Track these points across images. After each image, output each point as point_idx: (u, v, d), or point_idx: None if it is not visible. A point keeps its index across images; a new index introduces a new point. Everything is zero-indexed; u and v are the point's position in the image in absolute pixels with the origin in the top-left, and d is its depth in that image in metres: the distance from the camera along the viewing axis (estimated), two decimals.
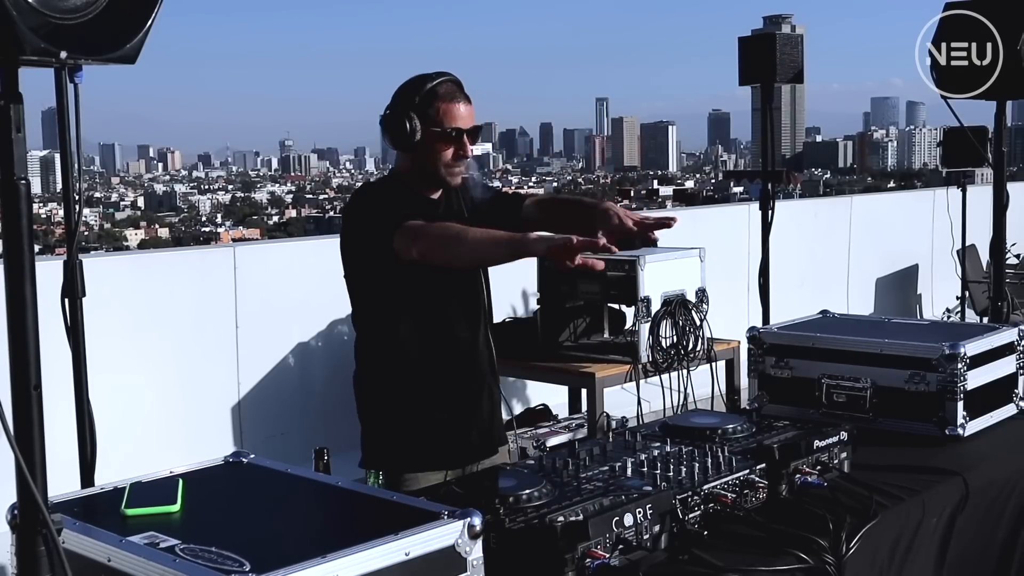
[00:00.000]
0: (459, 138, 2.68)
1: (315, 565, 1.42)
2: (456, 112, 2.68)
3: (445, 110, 2.66)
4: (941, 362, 2.86)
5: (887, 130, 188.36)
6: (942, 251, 8.05)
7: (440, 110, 2.66)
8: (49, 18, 1.35)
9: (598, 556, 1.83)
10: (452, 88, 2.69)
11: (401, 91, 2.70)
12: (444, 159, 2.69)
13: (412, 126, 2.65)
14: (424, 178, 2.74)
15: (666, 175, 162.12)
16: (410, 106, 2.66)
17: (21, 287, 1.41)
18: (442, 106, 2.66)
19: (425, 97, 2.66)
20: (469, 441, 2.81)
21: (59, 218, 64.93)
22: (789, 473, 2.31)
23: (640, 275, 4.14)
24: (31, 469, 1.40)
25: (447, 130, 2.66)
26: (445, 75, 2.71)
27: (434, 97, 2.66)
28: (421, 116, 2.65)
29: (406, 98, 2.68)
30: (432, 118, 2.66)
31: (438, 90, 2.67)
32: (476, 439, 2.83)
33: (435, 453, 2.74)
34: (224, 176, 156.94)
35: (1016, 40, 4.02)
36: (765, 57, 4.75)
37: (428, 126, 2.66)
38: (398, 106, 2.68)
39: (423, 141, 2.66)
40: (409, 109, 2.66)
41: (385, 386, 2.79)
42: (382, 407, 2.80)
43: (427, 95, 2.66)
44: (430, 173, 2.72)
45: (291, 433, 4.89)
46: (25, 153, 1.41)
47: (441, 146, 2.68)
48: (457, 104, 2.68)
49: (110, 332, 4.04)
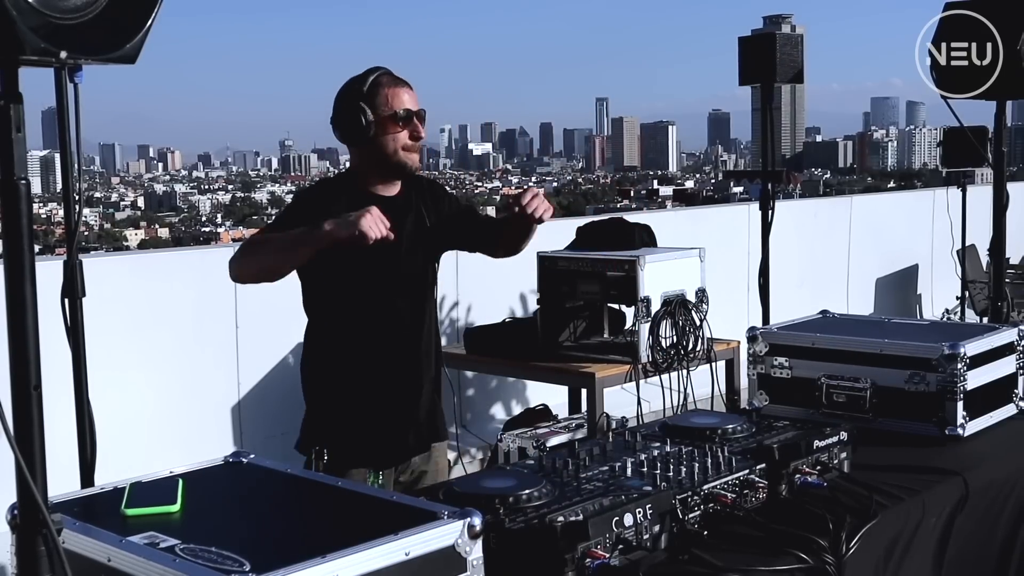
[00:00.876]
0: (410, 119, 2.78)
1: (315, 565, 1.42)
2: (402, 96, 2.78)
3: (392, 95, 2.77)
4: (941, 362, 2.86)
5: (887, 130, 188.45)
6: (942, 251, 8.05)
7: (388, 95, 2.77)
8: (49, 18, 1.35)
9: (598, 556, 1.83)
10: (392, 77, 2.81)
11: (344, 90, 2.81)
12: (401, 142, 2.78)
13: (366, 117, 2.74)
14: (383, 169, 2.81)
15: (666, 175, 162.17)
16: (359, 98, 2.76)
17: (21, 287, 1.41)
18: (388, 92, 2.77)
19: (371, 88, 2.76)
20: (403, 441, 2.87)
21: (59, 218, 64.93)
22: (789, 473, 2.31)
23: (640, 275, 4.14)
24: (31, 469, 1.40)
25: (399, 113, 2.76)
26: (380, 68, 2.82)
27: (379, 86, 2.77)
28: (371, 106, 2.75)
29: (352, 93, 2.78)
30: (382, 106, 2.76)
31: (381, 80, 2.78)
32: (411, 439, 2.89)
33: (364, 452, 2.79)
34: (224, 176, 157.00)
35: (1016, 40, 4.02)
36: (765, 57, 4.75)
37: (379, 113, 2.75)
38: (346, 102, 2.78)
39: (378, 129, 2.75)
40: (358, 101, 2.75)
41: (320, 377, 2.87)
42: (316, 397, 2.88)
43: (372, 86, 2.77)
44: (388, 161, 2.79)
45: (291, 433, 4.87)
46: (25, 153, 1.41)
47: (395, 129, 2.77)
48: (401, 89, 2.79)
49: (110, 332, 4.04)
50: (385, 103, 2.76)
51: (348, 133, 2.78)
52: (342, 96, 2.80)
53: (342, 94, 2.81)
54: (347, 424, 2.81)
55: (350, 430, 2.80)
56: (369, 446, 2.79)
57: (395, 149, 2.78)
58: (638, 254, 4.21)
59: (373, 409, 2.82)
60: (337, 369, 2.84)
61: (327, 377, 2.86)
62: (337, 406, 2.83)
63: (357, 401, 2.82)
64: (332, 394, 2.84)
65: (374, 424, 2.82)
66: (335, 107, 2.82)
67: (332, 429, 2.80)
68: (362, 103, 2.75)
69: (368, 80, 2.77)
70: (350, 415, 2.82)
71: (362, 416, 2.81)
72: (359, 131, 2.75)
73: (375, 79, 2.78)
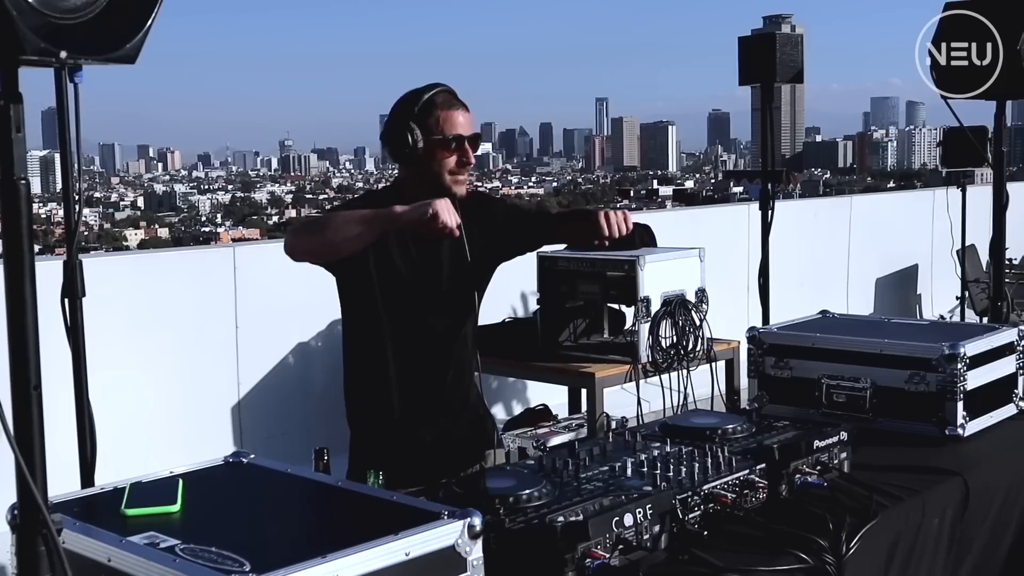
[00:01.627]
0: (461, 145, 2.68)
1: (315, 565, 1.42)
2: (456, 119, 2.67)
3: (445, 118, 2.66)
4: (941, 362, 2.86)
5: (887, 130, 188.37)
6: (942, 251, 8.05)
7: (440, 118, 2.66)
8: (49, 18, 1.35)
9: (598, 556, 1.84)
10: (449, 97, 2.70)
11: (398, 105, 2.70)
12: (447, 167, 2.68)
13: (413, 137, 2.64)
14: (428, 190, 2.69)
15: (666, 175, 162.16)
16: (409, 117, 2.66)
17: (21, 287, 1.41)
18: (441, 114, 2.66)
19: (424, 107, 2.66)
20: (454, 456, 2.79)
21: (59, 218, 64.95)
22: (789, 473, 2.31)
23: (640, 275, 4.14)
24: (31, 469, 1.40)
25: (448, 137, 2.66)
26: (440, 86, 2.71)
27: (432, 106, 2.66)
28: (421, 126, 2.65)
29: (404, 110, 2.68)
30: (432, 127, 2.65)
31: (435, 99, 2.67)
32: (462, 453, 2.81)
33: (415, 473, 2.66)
34: (224, 176, 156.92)
35: (1016, 40, 4.02)
36: (765, 57, 4.75)
37: (429, 135, 2.65)
38: (397, 119, 2.68)
39: (425, 151, 2.65)
40: (409, 120, 2.65)
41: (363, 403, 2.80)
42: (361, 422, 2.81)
43: (425, 105, 2.66)
44: (433, 183, 2.68)
45: (291, 433, 4.90)
46: (25, 153, 1.41)
47: (444, 154, 2.67)
48: (456, 112, 2.68)
49: (110, 332, 4.04)
50: (436, 125, 2.65)
51: (395, 151, 2.69)
52: (395, 111, 2.70)
53: (395, 109, 2.70)
54: (394, 448, 2.74)
55: (398, 454, 2.71)
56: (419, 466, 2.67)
57: (441, 173, 2.68)
58: (638, 254, 4.21)
59: (417, 431, 2.76)
60: (378, 395, 2.76)
61: (369, 403, 2.78)
62: (382, 431, 2.77)
63: (401, 424, 2.75)
64: (376, 419, 2.78)
65: (420, 445, 2.75)
66: (387, 121, 2.72)
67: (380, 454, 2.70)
68: (412, 122, 2.65)
69: (422, 99, 2.66)
70: (396, 439, 2.75)
71: (407, 439, 2.75)
72: (405, 151, 2.66)
73: (430, 98, 2.67)
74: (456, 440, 2.82)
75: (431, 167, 2.68)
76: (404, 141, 2.65)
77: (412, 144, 2.64)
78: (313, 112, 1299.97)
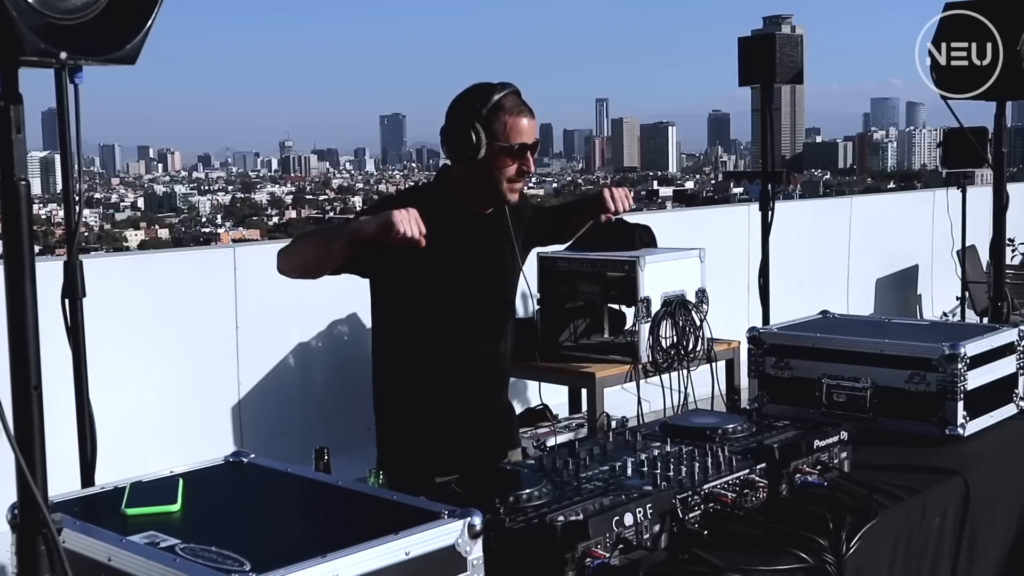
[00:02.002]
0: (523, 153, 2.60)
1: (315, 565, 1.42)
2: (522, 126, 2.58)
3: (512, 124, 2.57)
4: (941, 362, 2.86)
5: (887, 131, 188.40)
6: (942, 252, 8.05)
7: (507, 124, 2.56)
8: (49, 18, 1.35)
9: (598, 556, 1.84)
10: (518, 101, 2.59)
11: (463, 102, 2.59)
12: (507, 175, 2.60)
13: (478, 139, 2.54)
14: (482, 193, 2.65)
15: (666, 176, 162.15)
16: (475, 118, 2.55)
17: (21, 287, 1.41)
18: (509, 120, 2.56)
19: (492, 110, 2.55)
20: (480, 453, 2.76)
21: (59, 219, 64.96)
22: (789, 473, 2.31)
23: (640, 275, 4.14)
24: (31, 469, 1.40)
25: (513, 145, 2.56)
26: (509, 86, 2.61)
27: (500, 110, 2.56)
28: (486, 129, 2.55)
29: (470, 110, 2.56)
30: (498, 132, 2.56)
31: (504, 103, 2.57)
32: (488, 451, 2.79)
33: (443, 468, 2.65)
34: (224, 177, 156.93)
35: (1016, 40, 4.02)
36: (765, 57, 4.74)
37: (494, 140, 2.55)
38: (462, 117, 2.57)
39: (487, 155, 2.56)
40: (474, 121, 2.55)
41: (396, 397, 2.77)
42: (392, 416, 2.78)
43: (494, 108, 2.55)
44: (490, 189, 2.62)
45: (291, 433, 4.89)
46: (25, 154, 1.41)
47: (506, 161, 2.58)
48: (523, 118, 2.58)
49: (110, 333, 4.04)
50: (502, 131, 2.55)
51: (455, 151, 2.59)
52: (459, 110, 2.59)
53: (460, 106, 2.59)
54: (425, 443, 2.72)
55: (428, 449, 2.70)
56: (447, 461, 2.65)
57: (499, 180, 2.60)
58: (638, 254, 4.22)
59: (450, 427, 2.73)
60: (414, 389, 2.72)
61: (403, 397, 2.75)
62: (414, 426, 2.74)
63: (434, 420, 2.72)
64: (409, 414, 2.74)
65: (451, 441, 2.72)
66: (448, 117, 2.61)
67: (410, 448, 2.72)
68: (478, 124, 2.54)
69: (491, 100, 2.55)
70: (427, 434, 2.72)
71: (439, 434, 2.72)
72: (466, 152, 2.56)
73: (498, 101, 2.55)
74: (486, 443, 2.80)
75: (490, 173, 2.59)
76: (467, 143, 2.54)
77: (475, 147, 2.54)
78: (313, 112, 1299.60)
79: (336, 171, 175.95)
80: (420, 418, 2.74)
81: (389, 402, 2.79)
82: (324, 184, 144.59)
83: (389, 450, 2.77)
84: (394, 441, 2.77)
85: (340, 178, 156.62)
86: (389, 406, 2.79)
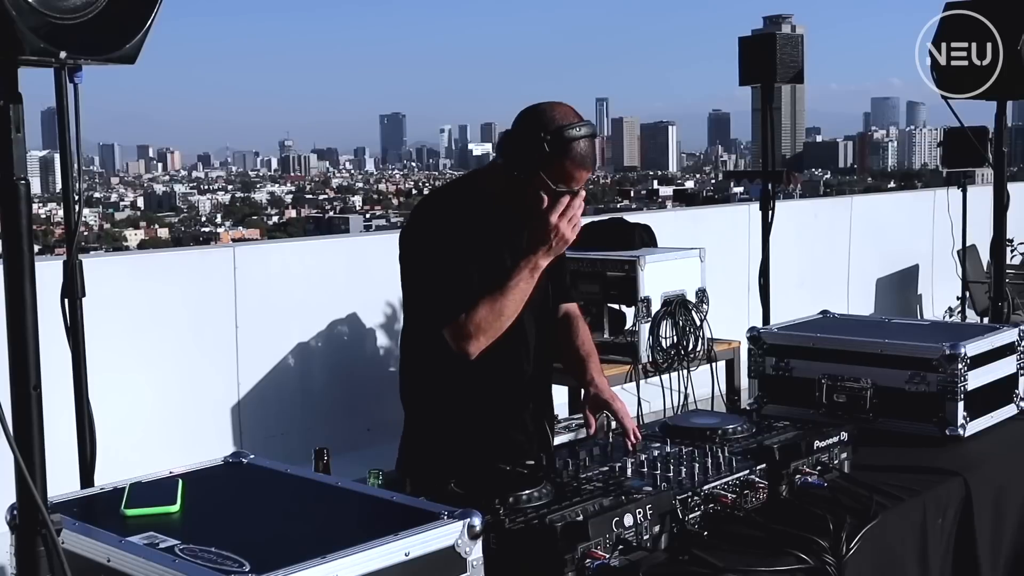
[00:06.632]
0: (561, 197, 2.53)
1: (315, 565, 1.42)
2: (580, 177, 2.51)
3: (571, 172, 2.48)
4: (941, 362, 2.86)
5: (887, 130, 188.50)
6: (942, 251, 8.05)
7: (567, 169, 2.47)
8: (49, 18, 1.35)
9: (598, 556, 1.83)
10: (589, 150, 2.51)
11: (537, 120, 2.50)
12: (536, 208, 2.52)
13: (530, 163, 2.48)
14: (516, 206, 2.59)
15: (666, 175, 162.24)
16: (538, 142, 2.46)
17: (21, 287, 1.41)
18: (570, 166, 2.47)
19: (559, 147, 2.46)
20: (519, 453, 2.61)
21: (59, 218, 64.97)
22: (789, 473, 2.31)
23: (640, 275, 4.14)
24: (31, 469, 1.40)
25: (558, 189, 2.50)
26: (587, 126, 2.52)
27: (566, 153, 2.46)
28: (545, 159, 2.46)
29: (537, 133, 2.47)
30: (554, 169, 2.47)
31: (574, 149, 2.46)
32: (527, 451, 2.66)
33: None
34: (224, 176, 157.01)
35: (1016, 40, 4.02)
36: (765, 57, 4.75)
37: (547, 173, 2.48)
38: (529, 135, 2.49)
39: (529, 180, 2.50)
40: (536, 145, 2.46)
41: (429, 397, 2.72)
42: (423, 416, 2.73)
43: (562, 147, 2.46)
44: (526, 208, 2.56)
45: (291, 433, 4.89)
46: (25, 153, 1.41)
47: (541, 197, 2.51)
48: (583, 171, 2.51)
49: (110, 332, 4.04)
50: (559, 171, 2.46)
51: (508, 160, 2.52)
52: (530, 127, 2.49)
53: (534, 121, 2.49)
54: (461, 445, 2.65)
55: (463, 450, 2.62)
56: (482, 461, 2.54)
57: (534, 209, 2.52)
58: (638, 254, 4.22)
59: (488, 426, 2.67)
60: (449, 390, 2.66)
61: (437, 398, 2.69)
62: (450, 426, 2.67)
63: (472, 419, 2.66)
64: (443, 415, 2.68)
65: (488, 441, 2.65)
66: (518, 124, 2.53)
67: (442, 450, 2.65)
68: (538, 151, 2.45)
69: (564, 135, 2.44)
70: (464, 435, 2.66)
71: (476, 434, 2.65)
72: (516, 164, 2.50)
73: (570, 143, 2.45)
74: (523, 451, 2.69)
75: (522, 195, 2.53)
76: (520, 158, 2.49)
77: (525, 166, 2.49)
78: (313, 112, 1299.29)
79: (336, 170, 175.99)
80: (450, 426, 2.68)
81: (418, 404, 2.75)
82: (324, 183, 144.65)
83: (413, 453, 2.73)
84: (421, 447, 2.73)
85: (340, 177, 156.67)
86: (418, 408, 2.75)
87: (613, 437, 2.50)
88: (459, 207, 2.62)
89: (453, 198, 2.69)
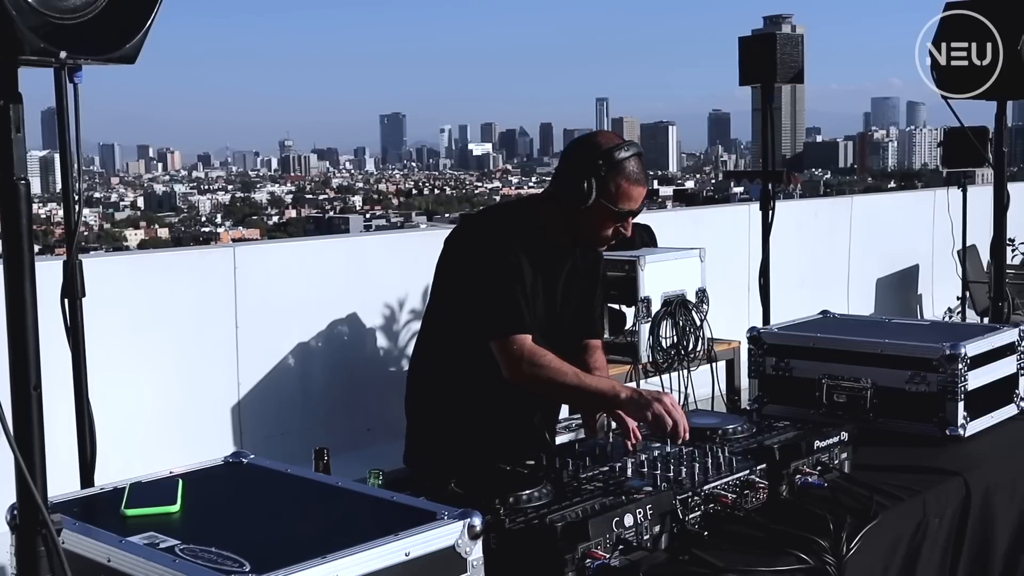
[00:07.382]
0: (625, 218, 2.61)
1: (315, 565, 1.42)
2: (635, 195, 2.58)
3: (626, 191, 2.56)
4: (942, 362, 2.86)
5: (887, 130, 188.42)
6: (942, 251, 8.05)
7: (622, 189, 2.56)
8: (49, 18, 1.35)
9: (598, 556, 1.83)
10: (639, 168, 2.59)
11: (587, 150, 2.59)
12: (602, 234, 2.62)
13: (588, 191, 2.54)
14: (571, 235, 2.65)
15: (666, 175, 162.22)
16: (593, 171, 2.54)
17: (21, 287, 1.41)
18: (625, 185, 2.56)
19: (612, 170, 2.55)
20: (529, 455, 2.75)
21: (59, 218, 64.97)
22: (789, 473, 2.31)
23: (640, 275, 4.14)
24: (31, 469, 1.40)
25: (621, 210, 2.57)
26: (635, 147, 2.60)
27: (620, 173, 2.55)
28: (600, 185, 2.54)
29: (591, 160, 2.56)
30: (610, 193, 2.55)
31: (626, 167, 2.56)
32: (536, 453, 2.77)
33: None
34: (224, 176, 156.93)
35: (1016, 40, 4.02)
36: (765, 57, 4.75)
37: (603, 198, 2.55)
38: (581, 165, 2.57)
39: (591, 208, 2.56)
40: (591, 173, 2.54)
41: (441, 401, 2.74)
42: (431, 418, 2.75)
43: (615, 168, 2.55)
44: (584, 236, 2.64)
45: (291, 433, 4.89)
46: (25, 153, 1.41)
47: (607, 223, 2.59)
48: (639, 187, 2.58)
49: (110, 332, 4.04)
50: (615, 192, 2.55)
51: (564, 192, 2.59)
52: (580, 155, 2.59)
53: (581, 153, 2.59)
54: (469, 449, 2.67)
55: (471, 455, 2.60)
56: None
57: (595, 233, 2.62)
58: (638, 254, 4.22)
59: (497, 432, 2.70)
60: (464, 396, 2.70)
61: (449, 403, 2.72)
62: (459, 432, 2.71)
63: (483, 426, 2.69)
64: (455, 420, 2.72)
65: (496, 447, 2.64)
66: (567, 157, 2.63)
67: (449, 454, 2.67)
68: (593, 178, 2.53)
69: (613, 159, 2.54)
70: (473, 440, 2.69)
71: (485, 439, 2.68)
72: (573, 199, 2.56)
73: (622, 163, 2.54)
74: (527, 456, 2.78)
75: (589, 223, 2.60)
76: (578, 192, 2.54)
77: (584, 198, 2.54)
78: (313, 112, 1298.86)
79: (336, 170, 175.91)
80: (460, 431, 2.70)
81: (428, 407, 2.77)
82: (324, 183, 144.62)
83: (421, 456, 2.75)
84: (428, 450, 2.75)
85: (340, 177, 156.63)
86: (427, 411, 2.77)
87: (613, 437, 2.50)
88: (518, 231, 2.65)
89: (513, 221, 2.71)
